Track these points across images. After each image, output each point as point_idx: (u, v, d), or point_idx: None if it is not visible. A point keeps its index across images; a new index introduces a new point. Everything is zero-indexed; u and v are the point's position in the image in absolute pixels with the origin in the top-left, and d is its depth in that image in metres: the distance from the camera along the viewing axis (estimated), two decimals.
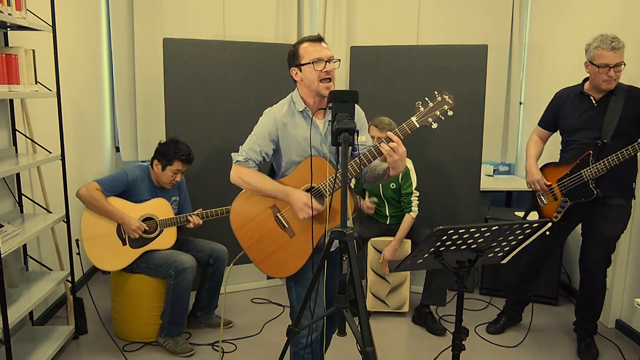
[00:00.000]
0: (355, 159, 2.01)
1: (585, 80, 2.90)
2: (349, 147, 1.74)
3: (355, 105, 2.04)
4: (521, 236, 1.90)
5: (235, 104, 3.64)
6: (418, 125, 1.97)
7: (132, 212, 3.01)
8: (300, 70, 2.04)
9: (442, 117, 1.98)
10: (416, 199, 3.39)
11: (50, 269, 3.06)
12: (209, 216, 3.13)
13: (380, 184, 3.40)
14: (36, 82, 2.71)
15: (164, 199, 3.12)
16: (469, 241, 1.82)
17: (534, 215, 3.13)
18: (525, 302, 3.34)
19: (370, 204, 3.44)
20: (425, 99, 1.99)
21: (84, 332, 3.19)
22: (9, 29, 2.71)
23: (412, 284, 3.66)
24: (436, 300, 3.38)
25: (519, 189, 4.30)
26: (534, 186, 3.05)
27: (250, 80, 3.65)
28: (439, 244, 1.80)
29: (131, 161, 4.49)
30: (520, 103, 4.63)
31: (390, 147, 1.90)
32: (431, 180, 3.46)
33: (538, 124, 3.16)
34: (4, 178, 2.79)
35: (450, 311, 3.52)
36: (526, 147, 3.19)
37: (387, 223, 3.51)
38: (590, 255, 2.94)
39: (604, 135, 2.77)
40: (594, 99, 2.84)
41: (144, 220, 3.04)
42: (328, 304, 2.13)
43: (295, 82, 2.11)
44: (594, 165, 2.78)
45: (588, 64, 2.78)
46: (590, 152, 2.80)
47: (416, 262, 1.91)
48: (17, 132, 2.89)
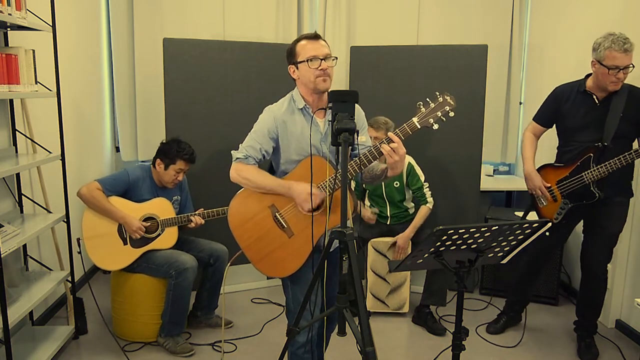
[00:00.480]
0: (355, 159, 2.01)
1: (588, 75, 2.82)
2: (349, 147, 1.74)
3: (356, 105, 2.04)
4: (521, 236, 1.90)
5: (235, 104, 3.64)
6: (419, 126, 1.96)
7: (133, 212, 3.01)
8: (297, 68, 2.05)
9: (444, 118, 1.97)
10: (428, 189, 3.39)
11: (50, 269, 3.06)
12: (210, 216, 3.13)
13: (383, 183, 3.40)
14: (36, 82, 2.71)
15: (165, 198, 3.12)
16: (469, 241, 1.82)
17: (533, 216, 3.12)
18: (525, 302, 3.34)
19: (372, 215, 3.45)
20: (426, 99, 1.98)
21: (84, 332, 3.19)
22: (9, 29, 2.71)
23: (412, 284, 3.66)
24: (436, 300, 3.38)
25: (519, 189, 4.30)
26: (535, 192, 3.02)
27: (250, 80, 3.65)
28: (439, 244, 1.80)
29: (131, 161, 4.49)
30: (520, 103, 4.63)
31: (391, 148, 1.90)
32: (431, 180, 3.46)
33: (533, 119, 3.07)
34: (4, 178, 2.79)
35: (450, 311, 3.52)
36: (522, 147, 3.12)
37: (388, 224, 3.51)
38: (593, 252, 2.93)
39: (605, 137, 2.73)
40: (597, 98, 2.78)
41: (145, 220, 3.04)
42: (327, 303, 2.12)
43: (295, 81, 2.11)
44: (595, 168, 2.75)
45: (596, 63, 2.66)
46: (592, 155, 2.77)
47: (416, 262, 1.91)
48: (17, 132, 2.89)
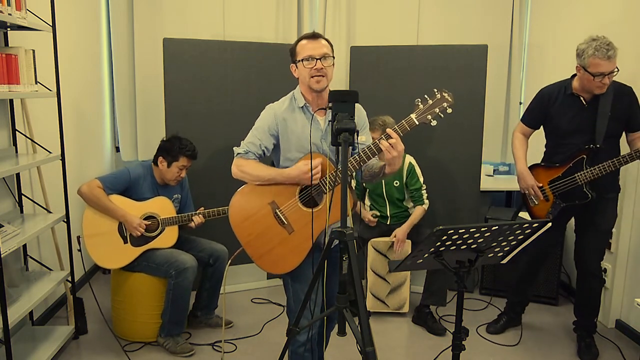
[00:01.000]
0: (354, 156, 2.02)
1: (574, 76, 2.83)
2: (349, 147, 1.75)
3: (357, 105, 2.04)
4: (521, 236, 1.90)
5: (235, 104, 3.64)
6: (417, 123, 1.98)
7: (134, 211, 3.01)
8: (297, 67, 2.08)
9: (442, 115, 1.98)
10: (425, 192, 3.42)
11: (50, 269, 3.06)
12: (211, 215, 3.13)
13: (383, 182, 3.41)
14: (36, 82, 2.71)
15: (166, 197, 3.12)
16: (469, 241, 1.82)
17: (525, 216, 3.13)
18: (525, 303, 3.34)
19: (372, 218, 3.45)
20: (424, 96, 2.00)
21: (84, 332, 3.19)
22: (9, 29, 2.71)
23: (412, 284, 3.66)
24: (436, 300, 3.38)
25: (518, 189, 4.28)
26: (528, 191, 3.04)
27: (250, 80, 3.65)
28: (439, 244, 1.80)
29: (131, 161, 4.48)
30: (520, 103, 4.62)
31: (390, 144, 1.91)
32: (431, 180, 3.46)
33: (522, 121, 3.09)
34: (4, 178, 2.79)
35: (450, 311, 3.52)
36: (512, 147, 3.14)
37: (388, 223, 3.51)
38: (587, 251, 2.94)
39: (597, 139, 2.74)
40: (584, 100, 2.80)
41: (146, 218, 3.04)
42: (327, 302, 2.13)
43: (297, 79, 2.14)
44: (588, 170, 2.77)
45: (580, 69, 2.69)
46: (585, 157, 2.78)
47: (416, 262, 1.92)
48: (17, 132, 2.89)
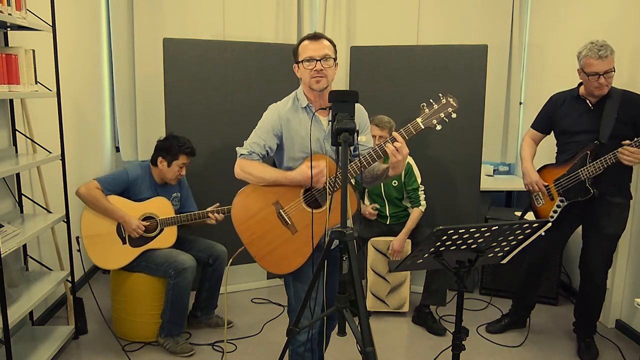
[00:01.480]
0: (356, 159, 2.02)
1: (581, 84, 2.90)
2: (349, 147, 1.75)
3: (358, 105, 2.04)
4: (521, 236, 1.90)
5: (235, 104, 3.64)
6: (423, 127, 2.00)
7: (132, 211, 3.01)
8: (299, 68, 2.09)
9: (446, 120, 2.01)
10: (423, 193, 3.41)
11: (50, 269, 3.06)
12: (226, 212, 3.08)
13: (382, 182, 3.41)
14: (36, 82, 2.70)
15: (165, 197, 3.12)
16: (469, 241, 1.82)
17: (531, 216, 3.13)
18: (531, 307, 3.31)
19: (372, 210, 3.45)
20: (430, 100, 2.01)
21: (84, 332, 3.19)
22: (9, 29, 2.71)
23: (412, 284, 3.66)
24: (436, 300, 3.38)
25: (519, 189, 4.29)
26: (532, 187, 3.05)
27: (250, 80, 3.65)
28: (439, 244, 1.80)
29: (131, 161, 4.48)
30: (520, 103, 4.63)
31: (395, 147, 1.93)
32: (431, 180, 3.46)
33: (531, 127, 3.16)
34: (4, 178, 2.79)
35: (450, 311, 3.52)
36: (520, 150, 3.20)
37: (387, 223, 3.51)
38: (591, 256, 2.93)
39: (601, 136, 2.77)
40: (590, 102, 2.85)
41: (144, 219, 3.04)
42: (328, 302, 2.13)
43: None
44: (590, 164, 2.79)
45: (580, 71, 2.79)
46: (588, 153, 2.80)
47: (416, 262, 1.92)
48: (17, 132, 2.89)
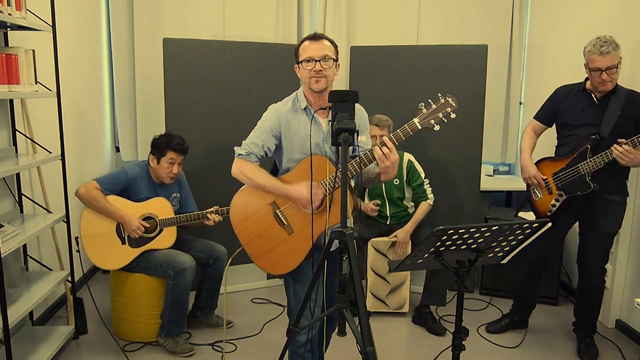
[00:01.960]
0: (354, 160, 2.01)
1: (588, 78, 2.91)
2: (349, 147, 1.74)
3: (358, 105, 2.04)
4: (521, 236, 1.90)
5: (235, 104, 3.64)
6: (420, 127, 1.97)
7: (132, 212, 3.01)
8: (299, 68, 2.08)
9: (445, 120, 1.97)
10: (429, 186, 3.41)
11: (50, 269, 3.06)
12: (225, 213, 3.08)
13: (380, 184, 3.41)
14: (36, 82, 2.70)
15: (164, 197, 3.12)
16: (469, 241, 1.82)
17: (525, 215, 3.13)
18: (531, 307, 3.32)
19: (374, 206, 3.45)
20: (428, 100, 1.98)
21: (84, 332, 3.19)
22: (9, 29, 2.71)
23: (412, 284, 3.66)
24: (436, 300, 3.38)
25: (519, 189, 4.29)
26: (530, 181, 3.05)
27: (250, 80, 3.65)
28: (439, 244, 1.80)
29: (131, 161, 4.48)
30: (520, 103, 4.62)
31: (383, 153, 1.89)
32: (431, 180, 3.46)
33: (534, 117, 3.13)
34: (4, 178, 2.79)
35: (450, 311, 3.52)
36: (520, 142, 3.18)
37: (388, 223, 3.51)
38: (588, 253, 2.93)
39: (602, 130, 2.77)
40: (595, 97, 2.85)
41: (144, 219, 3.04)
42: (328, 303, 2.13)
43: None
44: (591, 159, 2.78)
45: (585, 67, 2.81)
46: (589, 147, 2.81)
47: (416, 262, 1.91)
48: (17, 132, 2.89)
